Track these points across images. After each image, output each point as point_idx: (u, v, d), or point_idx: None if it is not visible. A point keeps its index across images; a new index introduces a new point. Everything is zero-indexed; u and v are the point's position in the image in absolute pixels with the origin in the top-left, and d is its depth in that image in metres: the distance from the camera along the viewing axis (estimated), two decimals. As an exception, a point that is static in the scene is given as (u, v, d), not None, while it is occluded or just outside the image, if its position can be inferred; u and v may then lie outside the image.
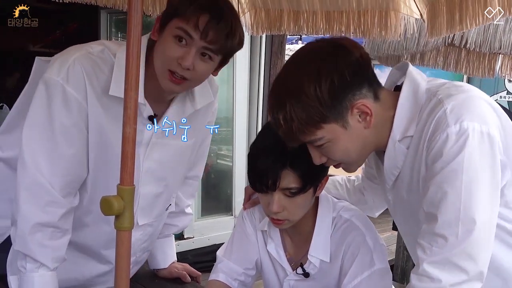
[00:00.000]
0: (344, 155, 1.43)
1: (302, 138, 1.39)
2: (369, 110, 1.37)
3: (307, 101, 1.33)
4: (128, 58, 1.33)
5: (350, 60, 1.36)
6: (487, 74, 4.26)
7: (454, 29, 1.57)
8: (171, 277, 2.19)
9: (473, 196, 1.25)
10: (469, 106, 1.31)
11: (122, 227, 1.40)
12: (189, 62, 1.54)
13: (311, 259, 1.69)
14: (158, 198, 1.90)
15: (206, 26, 1.52)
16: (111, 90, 1.61)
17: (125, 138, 1.37)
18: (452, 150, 1.27)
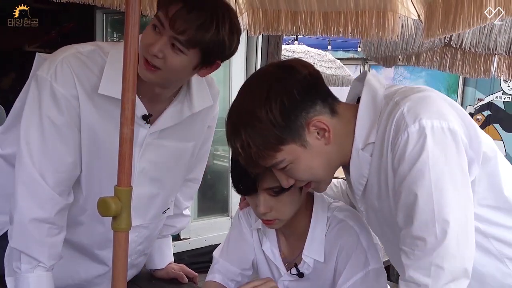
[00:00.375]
0: (310, 174, 1.43)
1: (263, 163, 1.39)
2: (326, 126, 1.37)
3: (261, 126, 1.33)
4: (126, 58, 1.33)
5: (298, 79, 1.36)
6: (482, 74, 4.29)
7: (449, 31, 1.57)
8: (168, 278, 2.18)
9: (444, 193, 1.24)
10: (425, 104, 1.31)
11: (119, 228, 1.40)
12: (156, 48, 1.51)
13: (305, 259, 1.68)
14: (153, 200, 1.89)
15: (175, 14, 1.48)
16: (100, 89, 1.61)
17: (122, 138, 1.36)
18: (415, 149, 1.26)
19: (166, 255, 2.22)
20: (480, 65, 4.25)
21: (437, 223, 1.23)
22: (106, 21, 4.83)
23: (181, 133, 1.82)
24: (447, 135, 1.27)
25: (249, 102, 1.36)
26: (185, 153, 1.91)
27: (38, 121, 1.61)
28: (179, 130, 1.80)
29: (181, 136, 1.84)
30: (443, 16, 1.61)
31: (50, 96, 1.60)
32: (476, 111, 9.40)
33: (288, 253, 1.76)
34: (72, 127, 1.64)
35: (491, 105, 9.30)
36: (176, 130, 1.79)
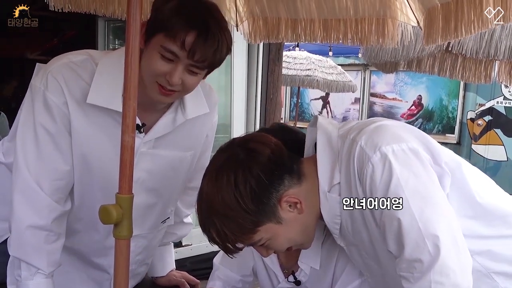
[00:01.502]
0: (289, 244, 1.47)
1: (242, 245, 1.43)
2: (296, 199, 1.40)
3: (234, 214, 1.35)
4: (127, 67, 1.34)
5: (262, 162, 1.38)
6: (483, 80, 4.29)
7: (449, 37, 1.57)
8: (170, 285, 2.18)
9: (424, 209, 1.26)
10: (380, 132, 1.34)
11: (120, 236, 1.40)
12: (176, 79, 1.54)
13: (302, 266, 1.69)
14: (151, 210, 1.88)
15: (193, 45, 1.50)
16: (89, 98, 1.61)
17: (123, 146, 1.37)
18: (384, 177, 1.28)
19: (168, 262, 2.21)
20: (480, 70, 4.25)
21: (427, 240, 1.23)
22: (108, 29, 4.85)
23: (178, 142, 1.82)
24: (409, 155, 1.30)
25: (217, 192, 1.37)
26: (183, 162, 1.90)
27: (32, 130, 1.62)
28: (175, 139, 1.80)
29: (178, 145, 1.83)
30: (443, 22, 1.62)
31: (43, 105, 1.61)
32: (477, 116, 9.40)
33: (285, 261, 1.76)
34: (66, 135, 1.65)
35: (492, 110, 9.30)
36: (173, 139, 1.79)
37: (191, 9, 1.52)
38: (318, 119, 1.50)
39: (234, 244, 1.40)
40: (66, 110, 1.62)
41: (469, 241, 1.31)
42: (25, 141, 1.62)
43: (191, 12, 1.51)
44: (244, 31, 2.20)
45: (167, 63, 1.53)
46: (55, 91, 1.61)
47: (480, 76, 4.28)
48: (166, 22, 1.50)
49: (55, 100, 1.61)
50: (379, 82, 11.37)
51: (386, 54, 3.98)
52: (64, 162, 1.67)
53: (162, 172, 1.82)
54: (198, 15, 1.52)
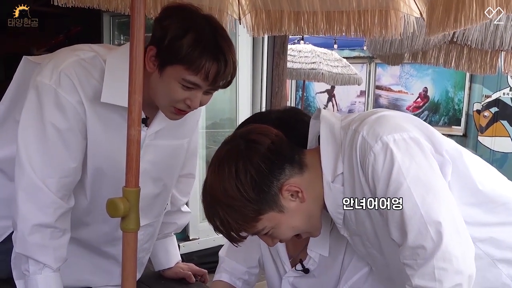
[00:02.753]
0: (293, 232, 1.48)
1: (246, 233, 1.45)
2: (297, 188, 1.42)
3: (236, 203, 1.38)
4: (132, 61, 1.36)
5: (262, 153, 1.40)
6: (489, 71, 4.28)
7: (452, 28, 1.57)
8: (177, 278, 2.19)
9: (426, 196, 1.27)
10: (381, 122, 1.36)
11: (128, 229, 1.42)
12: (197, 104, 1.62)
13: (311, 253, 1.70)
14: (157, 199, 1.93)
15: (216, 76, 1.56)
16: (102, 97, 1.64)
17: (129, 140, 1.39)
18: (386, 165, 1.30)
19: (172, 254, 2.23)
20: (486, 61, 4.24)
21: (430, 227, 1.25)
22: (113, 24, 4.86)
23: (175, 131, 1.86)
24: (410, 144, 1.31)
25: (219, 183, 1.40)
26: (180, 150, 1.96)
27: (40, 128, 1.62)
28: (172, 128, 1.84)
29: (175, 134, 1.88)
30: (444, 13, 1.62)
31: (54, 103, 1.61)
32: (484, 108, 9.36)
33: (292, 249, 1.78)
34: (76, 133, 1.66)
35: (498, 101, 9.25)
36: (170, 129, 1.83)
37: (209, 40, 1.56)
38: (321, 111, 1.52)
39: (238, 233, 1.42)
40: (80, 109, 1.64)
41: (472, 229, 1.32)
42: (30, 138, 1.63)
43: (210, 44, 1.55)
44: (247, 24, 2.21)
45: (187, 91, 1.59)
46: (69, 89, 1.62)
47: (486, 67, 4.27)
48: (187, 55, 1.53)
49: (69, 99, 1.62)
50: (384, 74, 11.33)
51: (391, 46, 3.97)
52: (72, 159, 1.68)
53: (164, 161, 1.87)
54: (216, 45, 1.56)
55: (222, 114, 5.03)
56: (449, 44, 4.05)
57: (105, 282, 2.01)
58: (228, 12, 2.17)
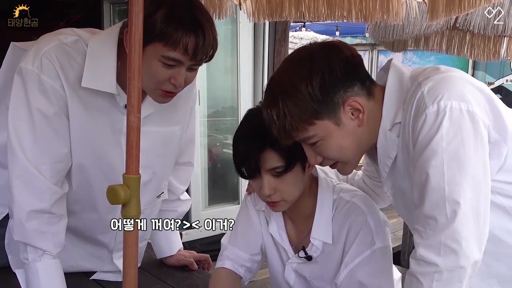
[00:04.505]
0: (339, 153, 1.44)
1: (295, 135, 1.41)
2: (361, 107, 1.39)
3: (299, 97, 1.35)
4: (131, 47, 1.34)
5: (341, 58, 1.39)
6: (492, 57, 4.25)
7: (454, 12, 1.57)
8: (179, 265, 2.20)
9: (456, 174, 1.25)
10: (446, 85, 1.31)
11: (129, 215, 1.41)
12: (182, 81, 1.58)
13: (314, 241, 1.69)
14: (146, 186, 1.88)
15: (195, 48, 1.52)
16: (83, 82, 1.61)
17: (129, 127, 1.37)
18: (431, 130, 1.27)
19: (173, 241, 2.23)
20: (489, 47, 4.21)
21: (448, 203, 1.24)
22: (114, 11, 4.85)
23: (165, 118, 1.84)
24: (465, 117, 1.26)
25: (291, 73, 1.40)
26: (172, 137, 1.94)
27: (27, 114, 1.61)
28: (162, 115, 1.81)
29: (166, 121, 1.86)
30: (448, -3, 1.61)
31: (38, 88, 1.60)
32: (487, 94, 9.34)
33: (294, 236, 1.77)
34: (63, 117, 1.65)
35: (501, 88, 9.24)
36: (160, 115, 1.80)
37: (183, 13, 1.51)
38: (393, 60, 1.49)
39: (289, 131, 1.39)
40: (63, 93, 1.63)
41: None
42: (20, 126, 1.62)
43: (184, 17, 1.51)
44: (247, 10, 2.18)
45: (169, 69, 1.55)
46: (51, 74, 1.60)
47: (489, 53, 4.24)
48: (161, 31, 1.49)
49: (52, 83, 1.60)
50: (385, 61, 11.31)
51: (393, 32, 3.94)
52: (62, 144, 1.68)
53: (153, 148, 1.83)
54: (192, 18, 1.52)
55: (223, 102, 5.02)
56: (451, 30, 4.02)
57: (99, 268, 2.02)
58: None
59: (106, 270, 2.01)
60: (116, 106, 1.69)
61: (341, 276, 1.65)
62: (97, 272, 2.03)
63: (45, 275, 1.67)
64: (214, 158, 4.98)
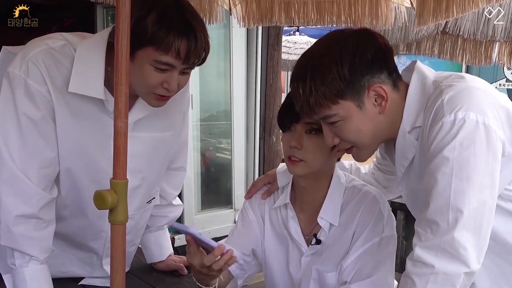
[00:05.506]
0: (356, 136, 1.46)
1: (318, 112, 1.43)
2: (385, 94, 1.41)
3: (328, 74, 1.38)
4: (118, 52, 1.34)
5: (373, 44, 1.43)
6: (484, 61, 4.27)
7: (443, 17, 1.58)
8: (168, 270, 2.19)
9: (464, 184, 1.27)
10: (466, 96, 1.33)
11: (116, 221, 1.41)
12: (175, 86, 1.58)
13: (320, 222, 1.72)
14: (136, 191, 1.88)
15: (187, 52, 1.52)
16: (70, 87, 1.61)
17: (116, 132, 1.37)
18: (445, 139, 1.29)
19: (165, 247, 2.23)
20: (481, 52, 4.23)
21: (451, 210, 1.27)
22: (107, 16, 4.84)
23: (155, 123, 1.83)
24: (480, 130, 1.28)
25: (323, 51, 1.43)
26: (164, 143, 1.92)
27: (15, 119, 1.60)
28: (153, 120, 1.81)
29: (157, 126, 1.85)
30: (435, 2, 1.62)
31: (25, 93, 1.60)
32: (480, 99, 9.36)
33: (305, 228, 1.80)
34: (50, 122, 1.65)
35: (495, 92, 9.26)
36: (152, 120, 1.80)
37: (174, 16, 1.51)
38: (417, 62, 1.52)
39: (312, 106, 1.42)
40: (49, 98, 1.62)
41: None
42: (7, 131, 1.61)
43: (176, 20, 1.50)
44: (238, 15, 2.19)
45: (162, 73, 1.55)
46: (37, 78, 1.60)
47: (481, 58, 4.26)
48: (153, 35, 1.48)
49: (38, 88, 1.60)
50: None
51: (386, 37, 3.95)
52: (50, 149, 1.67)
53: (144, 153, 1.83)
54: (183, 21, 1.52)
55: (217, 106, 5.01)
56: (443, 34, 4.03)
57: (89, 274, 2.01)
58: (219, 3, 2.15)
59: (96, 275, 2.01)
60: (104, 111, 1.68)
61: (349, 260, 1.68)
62: (85, 278, 2.02)
63: (32, 281, 1.66)
64: (207, 163, 4.97)
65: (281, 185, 1.86)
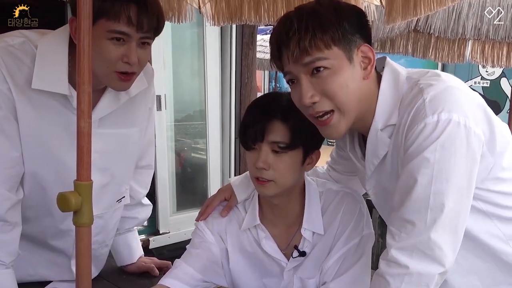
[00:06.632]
0: (342, 92, 1.37)
1: (310, 52, 1.35)
2: (372, 56, 1.39)
3: (328, 17, 1.35)
4: (80, 51, 1.31)
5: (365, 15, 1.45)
6: (457, 59, 4.30)
7: (409, 15, 1.57)
8: (139, 272, 2.17)
9: (444, 185, 1.27)
10: (448, 97, 1.32)
11: (80, 223, 1.38)
12: (135, 58, 1.56)
13: (304, 233, 1.67)
14: (105, 189, 1.88)
15: (139, 17, 1.51)
16: (33, 84, 1.59)
17: (80, 132, 1.34)
18: (427, 140, 1.28)
19: (134, 249, 2.20)
20: (454, 50, 4.26)
21: (430, 211, 1.27)
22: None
23: (122, 119, 1.82)
24: (461, 131, 1.28)
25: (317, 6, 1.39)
26: (130, 139, 1.91)
27: None
28: (119, 117, 1.79)
29: (123, 122, 1.84)
30: (404, 0, 1.62)
31: None
32: (455, 97, 9.45)
33: (281, 243, 1.73)
34: (12, 121, 1.62)
35: (469, 90, 9.35)
36: (116, 117, 1.79)
37: None
38: (387, 58, 1.50)
39: (304, 45, 1.34)
40: (10, 96, 1.59)
41: None
42: None
43: None
44: (207, 13, 2.17)
45: (119, 46, 1.53)
46: None
47: (454, 56, 4.29)
48: (101, 7, 1.47)
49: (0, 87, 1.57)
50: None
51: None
52: (14, 148, 1.64)
53: (110, 150, 1.82)
54: None
55: (191, 106, 4.98)
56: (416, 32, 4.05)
57: (59, 277, 1.98)
58: (188, 1, 2.13)
59: (66, 278, 1.97)
60: (69, 107, 1.65)
61: (330, 261, 1.66)
62: (52, 282, 1.98)
63: None
64: (182, 163, 4.94)
65: (240, 199, 1.77)
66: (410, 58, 4.82)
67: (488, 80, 9.27)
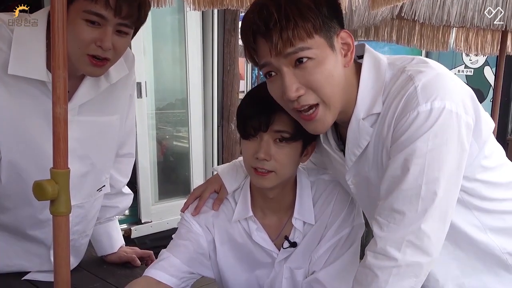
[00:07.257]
0: (326, 81, 1.31)
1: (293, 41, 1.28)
2: (351, 42, 1.35)
3: (304, 1, 1.28)
4: (54, 34, 1.27)
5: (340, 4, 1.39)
6: (441, 47, 4.29)
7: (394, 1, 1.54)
8: (120, 262, 2.14)
9: (436, 174, 1.26)
10: (439, 84, 1.30)
11: (57, 212, 1.34)
12: (108, 43, 1.51)
13: (295, 223, 1.65)
14: (85, 178, 1.85)
15: (118, 2, 1.47)
16: (10, 69, 1.55)
17: (55, 119, 1.30)
18: (420, 129, 1.26)
19: (115, 238, 2.17)
20: (438, 37, 4.25)
21: (421, 201, 1.25)
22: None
23: (102, 106, 1.78)
24: (453, 118, 1.26)
25: None
26: (110, 127, 1.87)
27: None
28: (99, 104, 1.76)
29: (103, 110, 1.80)
30: (389, -15, 1.59)
31: None
32: (438, 85, 9.51)
33: (272, 234, 1.70)
34: None
35: (452, 78, 9.41)
36: (97, 104, 1.75)
37: None
38: (366, 45, 1.45)
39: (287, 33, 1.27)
40: None
41: None
42: None
43: None
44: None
45: (94, 28, 1.49)
46: None
47: (438, 44, 4.28)
48: None
49: None
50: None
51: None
52: None
53: (91, 138, 1.78)
54: None
55: (172, 94, 4.95)
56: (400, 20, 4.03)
57: (38, 267, 1.94)
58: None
59: (45, 269, 1.93)
60: (47, 94, 1.61)
61: (320, 250, 1.65)
62: (30, 272, 1.95)
63: None
64: (164, 151, 4.91)
65: (230, 190, 1.72)
66: (394, 46, 4.81)
67: (472, 68, 9.31)
